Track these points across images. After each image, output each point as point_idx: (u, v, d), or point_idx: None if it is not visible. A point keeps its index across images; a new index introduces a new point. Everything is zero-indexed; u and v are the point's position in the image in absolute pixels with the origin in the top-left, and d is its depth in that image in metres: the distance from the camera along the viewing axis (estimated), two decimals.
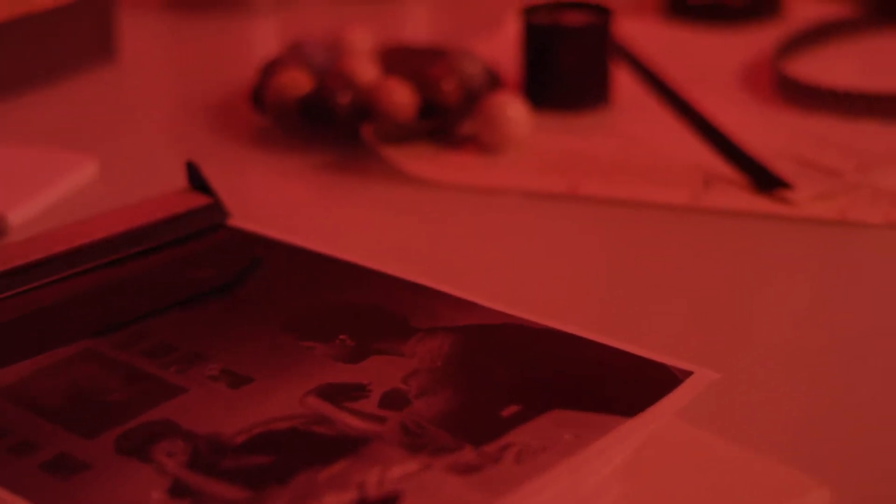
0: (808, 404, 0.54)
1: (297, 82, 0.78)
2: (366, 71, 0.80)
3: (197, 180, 0.68)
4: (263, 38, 1.01)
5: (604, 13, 0.83)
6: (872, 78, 0.86)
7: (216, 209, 0.67)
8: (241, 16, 1.02)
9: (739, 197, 0.71)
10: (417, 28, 1.05)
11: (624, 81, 0.84)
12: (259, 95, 0.81)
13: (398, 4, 1.05)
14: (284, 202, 0.73)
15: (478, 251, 0.67)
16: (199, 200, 0.67)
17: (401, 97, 0.77)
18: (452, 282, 0.61)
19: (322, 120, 0.77)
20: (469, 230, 0.70)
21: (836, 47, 0.93)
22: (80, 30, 0.90)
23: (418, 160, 0.75)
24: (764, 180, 0.72)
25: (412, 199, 0.72)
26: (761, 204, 0.70)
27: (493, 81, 0.82)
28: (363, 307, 0.59)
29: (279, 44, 0.96)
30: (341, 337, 0.57)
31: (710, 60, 0.91)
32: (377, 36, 0.88)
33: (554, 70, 0.81)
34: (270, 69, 0.81)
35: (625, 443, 0.50)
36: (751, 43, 0.93)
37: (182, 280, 0.62)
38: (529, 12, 0.83)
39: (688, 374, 0.53)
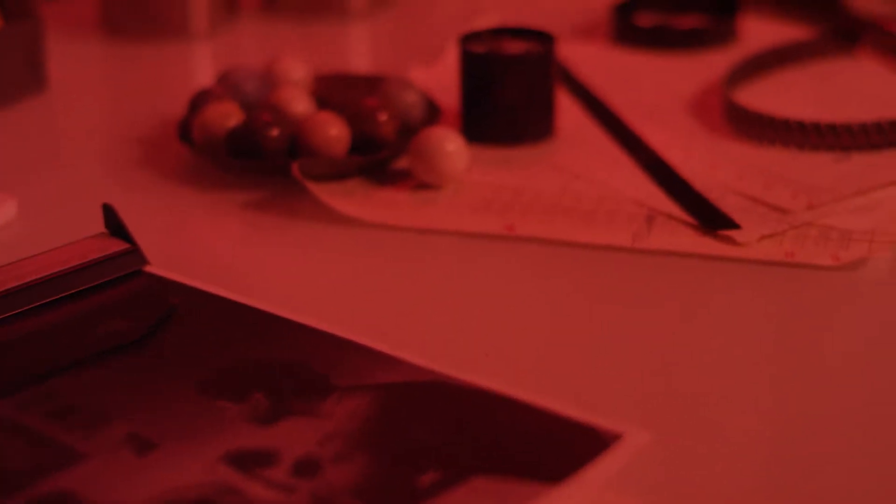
0: (754, 466, 0.51)
1: (226, 115, 0.75)
2: (298, 102, 0.77)
3: (114, 224, 0.65)
4: (200, 66, 0.98)
5: (547, 40, 0.79)
6: (828, 107, 0.83)
7: (133, 255, 0.64)
8: (178, 42, 0.99)
9: (684, 237, 0.68)
10: (358, 54, 1.02)
11: (568, 112, 0.81)
12: (187, 128, 0.78)
13: (339, 28, 1.02)
14: (209, 243, 0.70)
15: (409, 297, 0.64)
16: (116, 246, 0.64)
17: (333, 131, 0.74)
18: (381, 331, 0.58)
19: (250, 155, 0.73)
20: (400, 274, 0.67)
21: (792, 73, 0.90)
22: (8, 59, 0.87)
23: (350, 198, 0.72)
24: (710, 219, 0.69)
25: (342, 239, 0.69)
26: (707, 244, 0.67)
27: (433, 113, 0.79)
28: (281, 363, 0.56)
29: (216, 71, 0.92)
30: (256, 396, 0.54)
31: (658, 87, 0.87)
32: (315, 62, 0.85)
33: (494, 101, 0.78)
34: (199, 101, 0.78)
35: None
36: (702, 69, 0.89)
37: (93, 334, 0.59)
38: (467, 39, 0.80)
39: (616, 436, 0.50)
